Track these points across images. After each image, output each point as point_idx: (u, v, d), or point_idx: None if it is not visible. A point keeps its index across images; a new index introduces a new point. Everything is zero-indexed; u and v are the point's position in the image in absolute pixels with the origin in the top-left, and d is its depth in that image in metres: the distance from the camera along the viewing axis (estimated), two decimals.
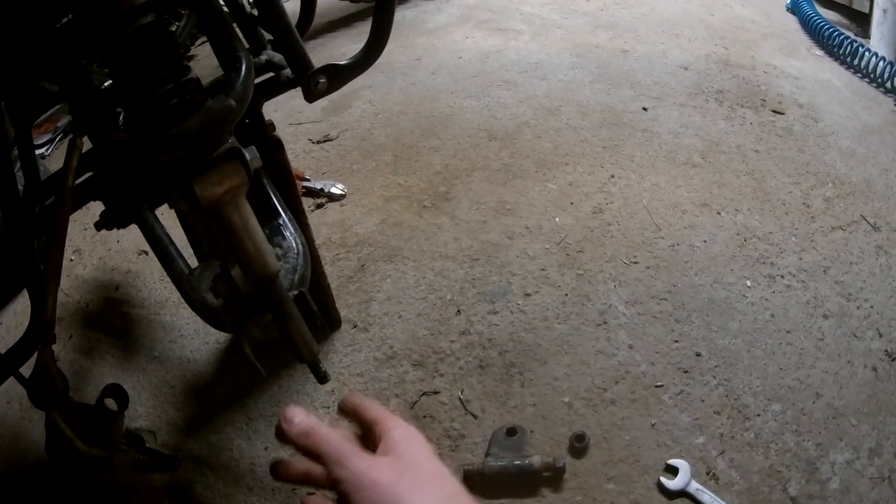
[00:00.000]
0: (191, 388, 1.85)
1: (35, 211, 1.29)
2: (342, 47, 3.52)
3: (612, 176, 2.32)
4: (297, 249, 1.42)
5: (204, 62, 3.26)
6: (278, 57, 1.44)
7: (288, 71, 1.45)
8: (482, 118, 2.70)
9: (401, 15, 3.66)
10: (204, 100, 1.12)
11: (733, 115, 2.69)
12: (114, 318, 2.11)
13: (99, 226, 1.43)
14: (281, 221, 1.43)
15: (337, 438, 0.96)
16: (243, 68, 1.16)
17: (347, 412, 1.03)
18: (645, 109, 2.69)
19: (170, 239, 1.48)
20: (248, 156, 1.13)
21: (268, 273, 1.20)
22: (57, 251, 1.17)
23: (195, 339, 1.98)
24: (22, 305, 2.16)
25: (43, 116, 3.01)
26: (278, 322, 1.24)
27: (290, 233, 1.42)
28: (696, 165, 2.40)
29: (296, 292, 1.29)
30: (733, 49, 3.28)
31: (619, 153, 2.43)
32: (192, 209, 1.12)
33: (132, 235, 2.35)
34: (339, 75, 1.43)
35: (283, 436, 0.97)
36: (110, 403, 1.25)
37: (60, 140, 2.99)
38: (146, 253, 2.29)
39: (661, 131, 2.57)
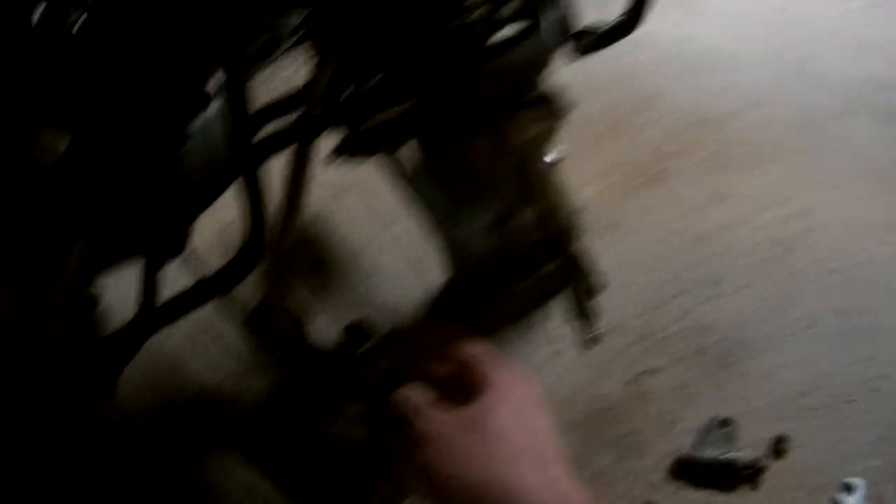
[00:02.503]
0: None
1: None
2: None
3: (812, 181, 2.30)
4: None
5: None
6: None
7: None
8: (690, 101, 2.67)
9: None
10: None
11: None
12: (310, 255, 2.11)
13: (339, 152, 1.41)
14: None
15: (417, 393, 0.93)
16: (551, 15, 1.17)
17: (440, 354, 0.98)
18: (838, 117, 2.64)
19: (426, 174, 1.49)
20: (558, 103, 1.14)
21: (565, 225, 1.23)
22: (301, 177, 1.16)
23: (404, 281, 1.99)
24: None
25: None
26: (565, 277, 1.25)
27: None
28: (890, 181, 2.32)
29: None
30: None
31: (817, 158, 2.40)
32: (495, 151, 1.13)
33: (331, 171, 2.35)
34: (598, 39, 1.41)
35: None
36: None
37: None
38: (348, 190, 2.30)
39: (855, 141, 2.51)
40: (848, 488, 1.53)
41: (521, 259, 1.32)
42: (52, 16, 1.09)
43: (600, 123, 2.58)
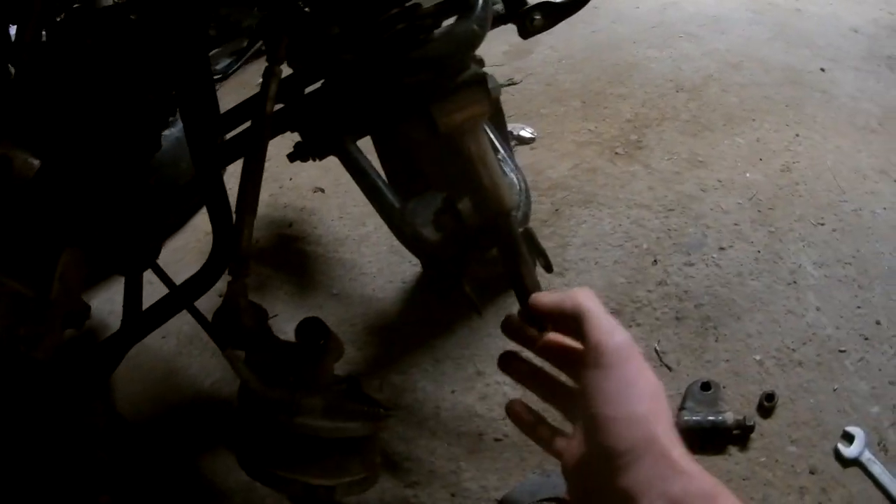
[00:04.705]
0: (373, 327, 1.87)
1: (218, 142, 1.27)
2: None
3: (797, 135, 2.29)
4: (519, 186, 1.40)
5: None
6: None
7: (500, 6, 1.41)
8: (667, 69, 2.68)
9: None
10: (433, 26, 1.12)
11: None
12: (287, 255, 2.14)
13: (293, 157, 1.43)
14: (500, 157, 1.40)
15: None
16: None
17: (543, 311, 0.98)
18: (823, 70, 2.64)
19: (377, 172, 1.47)
20: (490, 84, 1.10)
21: (503, 208, 1.14)
22: (254, 180, 1.14)
23: (378, 277, 2.00)
24: (182, 241, 2.21)
25: None
26: (508, 260, 1.17)
27: (509, 169, 1.40)
28: (874, 131, 2.35)
29: (521, 230, 1.22)
30: None
31: (801, 113, 2.39)
32: (429, 137, 1.10)
33: (306, 173, 2.40)
34: (554, 13, 1.40)
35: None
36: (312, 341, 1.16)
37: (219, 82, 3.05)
38: (322, 190, 2.34)
39: (839, 94, 2.52)
40: (848, 437, 1.52)
41: (470, 243, 1.29)
42: (22, 36, 1.13)
43: (577, 98, 2.59)
